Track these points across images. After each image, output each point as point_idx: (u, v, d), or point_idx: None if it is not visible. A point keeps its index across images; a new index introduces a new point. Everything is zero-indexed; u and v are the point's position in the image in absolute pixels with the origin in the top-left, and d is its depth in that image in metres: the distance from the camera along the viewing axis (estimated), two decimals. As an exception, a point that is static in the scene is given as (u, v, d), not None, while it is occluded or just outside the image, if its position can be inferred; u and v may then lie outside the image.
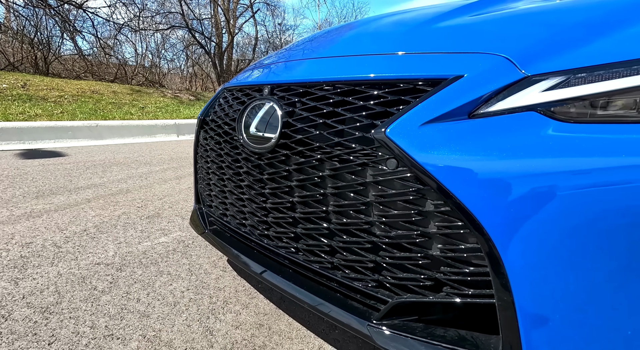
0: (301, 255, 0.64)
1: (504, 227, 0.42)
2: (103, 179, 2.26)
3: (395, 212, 0.49)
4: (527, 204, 0.41)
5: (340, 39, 0.73)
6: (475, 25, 0.58)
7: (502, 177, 0.42)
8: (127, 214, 1.57)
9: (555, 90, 0.44)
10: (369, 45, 0.64)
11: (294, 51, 0.80)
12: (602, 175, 0.39)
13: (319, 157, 0.56)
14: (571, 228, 0.40)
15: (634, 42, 0.44)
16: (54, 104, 4.77)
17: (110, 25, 8.79)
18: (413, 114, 0.47)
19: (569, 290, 0.41)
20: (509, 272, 0.42)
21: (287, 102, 0.62)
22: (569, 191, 0.40)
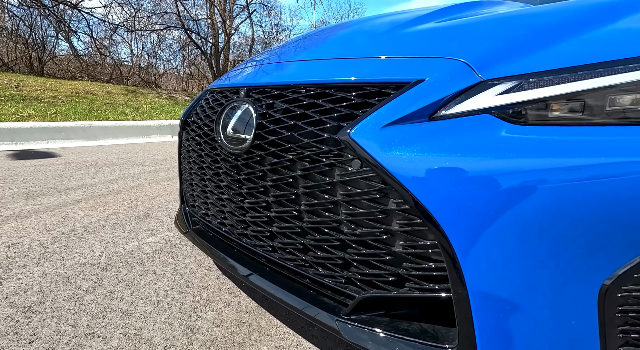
0: (277, 254, 0.66)
1: (459, 224, 0.44)
2: (94, 180, 2.26)
3: (361, 211, 0.51)
4: (479, 202, 0.43)
5: (314, 43, 0.75)
6: (440, 31, 0.60)
7: (457, 176, 0.44)
8: (116, 215, 1.58)
9: (509, 94, 0.46)
10: (339, 49, 0.66)
11: (272, 54, 0.82)
12: (550, 175, 0.41)
13: (291, 158, 0.58)
14: (521, 225, 0.42)
15: (579, 50, 0.47)
16: (48, 105, 4.75)
17: (106, 26, 8.76)
18: (375, 117, 0.49)
19: (516, 284, 0.43)
20: (464, 267, 0.44)
21: (261, 104, 0.63)
22: (518, 190, 0.42)
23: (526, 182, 0.42)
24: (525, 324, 0.43)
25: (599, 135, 0.41)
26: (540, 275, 0.42)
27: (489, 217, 0.43)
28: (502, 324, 0.43)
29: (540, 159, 0.42)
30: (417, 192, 0.45)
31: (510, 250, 0.43)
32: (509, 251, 0.43)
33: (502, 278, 0.43)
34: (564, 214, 0.41)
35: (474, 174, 0.43)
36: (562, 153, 0.41)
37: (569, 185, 0.40)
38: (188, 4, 9.31)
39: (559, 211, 0.41)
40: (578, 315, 0.42)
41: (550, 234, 0.41)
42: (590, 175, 0.40)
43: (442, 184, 0.45)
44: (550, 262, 0.42)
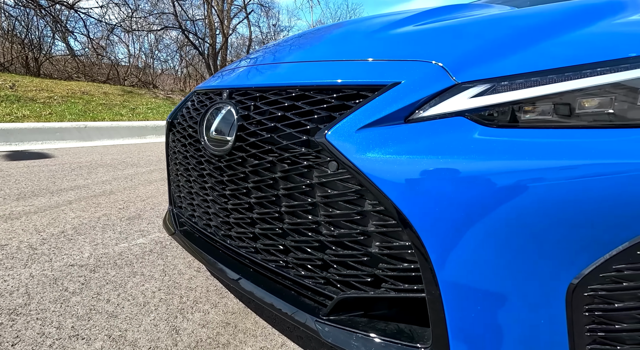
0: (259, 255, 0.66)
1: (431, 225, 0.44)
2: (87, 181, 2.25)
3: (338, 212, 0.52)
4: (451, 204, 0.43)
5: (296, 46, 0.75)
6: (419, 34, 0.61)
7: (429, 178, 0.45)
8: (108, 216, 1.57)
9: (482, 96, 0.47)
10: (320, 52, 0.67)
11: (256, 57, 0.83)
12: (520, 177, 0.42)
13: (271, 160, 0.58)
14: (492, 226, 0.43)
15: (550, 53, 0.47)
16: (43, 105, 4.73)
17: (103, 26, 8.73)
18: (352, 119, 0.50)
19: (488, 285, 0.43)
20: (436, 268, 0.45)
21: (243, 106, 0.64)
22: (489, 192, 0.42)
23: (496, 184, 0.42)
24: (497, 324, 0.43)
25: (569, 138, 0.42)
26: (510, 276, 0.43)
27: (461, 218, 0.43)
28: (474, 324, 0.44)
29: (510, 161, 0.42)
30: (391, 194, 0.46)
31: (482, 251, 0.43)
32: (480, 252, 0.43)
33: (474, 279, 0.44)
34: (534, 215, 0.41)
35: (446, 176, 0.44)
36: (533, 155, 0.42)
37: (539, 187, 0.41)
38: (185, 5, 9.31)
39: (529, 212, 0.41)
40: (547, 315, 0.42)
41: (520, 235, 0.42)
42: (559, 177, 0.40)
43: (415, 186, 0.45)
44: (520, 263, 0.42)
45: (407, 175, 0.45)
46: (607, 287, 0.41)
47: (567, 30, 0.53)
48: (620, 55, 0.43)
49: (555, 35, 0.51)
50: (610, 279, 0.41)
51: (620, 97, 0.42)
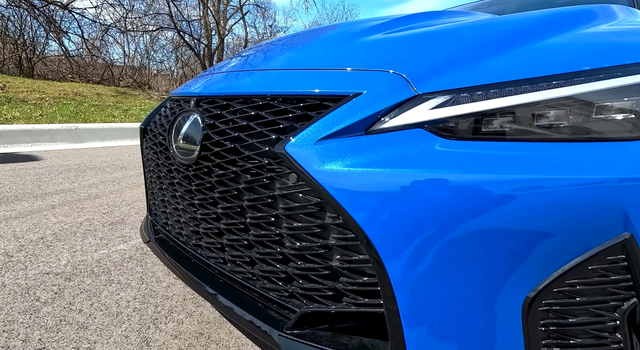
0: (227, 266, 0.65)
1: (389, 239, 0.44)
2: (74, 184, 2.22)
3: (299, 225, 0.51)
4: (408, 218, 0.43)
5: (267, 53, 0.74)
6: (386, 43, 0.60)
7: (387, 191, 0.44)
8: (90, 221, 1.55)
9: (441, 108, 0.46)
10: (288, 60, 0.66)
11: (229, 63, 0.82)
12: (477, 190, 0.41)
13: (235, 170, 0.57)
14: (449, 240, 0.42)
15: (511, 65, 0.47)
16: (34, 107, 4.67)
17: (97, 26, 8.67)
18: (312, 130, 0.49)
19: (445, 299, 0.43)
20: (393, 283, 0.44)
21: (209, 114, 0.63)
22: (445, 206, 0.42)
23: (454, 197, 0.41)
24: (454, 339, 0.43)
25: (525, 151, 0.42)
26: (467, 291, 0.42)
27: (418, 232, 0.43)
28: (432, 339, 0.43)
29: (467, 174, 0.42)
30: (349, 207, 0.45)
31: (439, 266, 0.42)
32: (437, 266, 0.42)
33: (431, 293, 0.43)
34: (491, 229, 0.41)
35: (404, 189, 0.43)
36: (489, 168, 0.41)
37: (494, 200, 0.40)
38: (181, 5, 9.27)
39: (485, 226, 0.41)
40: (504, 330, 0.42)
41: (477, 250, 0.41)
42: (514, 190, 0.40)
43: (373, 200, 0.44)
44: (477, 278, 0.42)
45: (365, 188, 0.44)
46: (561, 302, 0.40)
47: (531, 40, 0.52)
48: (575, 68, 0.42)
49: (519, 46, 0.51)
50: (564, 294, 0.40)
51: (574, 111, 0.41)
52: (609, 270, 0.39)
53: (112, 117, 4.91)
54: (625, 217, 0.37)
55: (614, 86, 0.40)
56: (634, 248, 0.37)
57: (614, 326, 0.39)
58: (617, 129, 0.40)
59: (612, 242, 0.37)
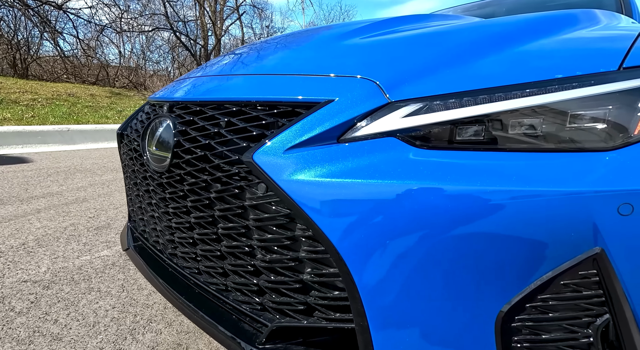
0: (202, 277, 0.63)
1: (358, 253, 0.42)
2: (62, 187, 2.19)
3: (269, 236, 0.49)
4: (378, 230, 0.41)
5: (244, 58, 0.73)
6: (362, 48, 0.59)
7: (358, 203, 0.42)
8: (75, 226, 1.52)
9: (414, 116, 0.45)
10: (264, 65, 0.64)
11: (206, 67, 0.80)
12: (449, 201, 0.40)
13: (205, 179, 0.55)
14: (419, 254, 0.40)
15: (486, 72, 0.45)
16: (26, 108, 4.62)
17: (92, 27, 8.60)
18: (282, 138, 0.47)
19: (417, 315, 0.41)
20: (364, 298, 0.42)
21: (181, 121, 0.61)
22: (416, 218, 0.40)
23: (425, 209, 0.40)
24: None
25: (496, 161, 0.40)
26: (439, 307, 0.41)
27: (389, 246, 0.41)
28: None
29: (438, 184, 0.40)
30: (318, 219, 0.43)
31: (411, 280, 0.41)
32: (409, 281, 0.41)
33: (402, 308, 0.41)
34: (462, 242, 0.39)
35: (374, 200, 0.42)
36: (460, 179, 0.40)
37: (465, 212, 0.39)
38: (177, 6, 9.23)
39: (458, 240, 0.39)
40: (477, 347, 0.40)
41: (450, 264, 0.40)
42: (484, 202, 0.38)
43: (342, 211, 0.43)
44: (449, 294, 0.40)
45: (335, 199, 0.43)
46: (535, 317, 0.39)
47: (507, 46, 0.51)
48: (549, 75, 0.41)
49: (495, 52, 0.50)
50: (537, 310, 0.39)
51: (547, 120, 0.40)
52: (581, 286, 0.37)
53: (105, 118, 4.86)
54: (595, 231, 0.35)
55: (587, 95, 0.39)
56: (605, 263, 0.36)
57: (587, 343, 0.38)
58: (590, 139, 0.39)
59: (583, 257, 0.36)
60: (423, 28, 0.66)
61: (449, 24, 0.66)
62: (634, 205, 0.34)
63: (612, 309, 0.37)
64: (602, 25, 0.68)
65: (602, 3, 1.34)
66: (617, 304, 0.36)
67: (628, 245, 0.35)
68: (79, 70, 8.44)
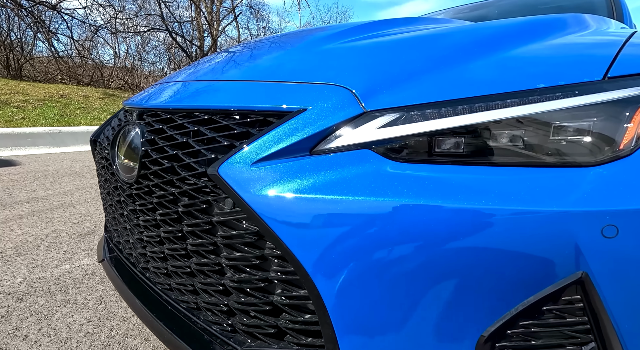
0: (173, 294, 0.60)
1: (329, 274, 0.39)
2: (48, 192, 2.14)
3: (238, 255, 0.46)
4: (351, 251, 0.38)
5: (217, 62, 0.70)
6: (340, 54, 0.56)
7: (327, 221, 0.39)
8: (58, 232, 1.48)
9: (390, 127, 0.42)
10: (236, 70, 0.61)
11: (180, 73, 0.77)
12: (426, 219, 0.37)
13: (173, 191, 0.52)
14: (396, 275, 0.37)
15: (466, 80, 0.43)
16: (16, 109, 4.54)
17: (87, 27, 8.52)
18: (250, 149, 0.44)
19: (394, 341, 0.38)
20: (335, 323, 0.39)
21: (150, 129, 0.58)
22: (392, 237, 0.37)
23: (401, 228, 0.37)
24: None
25: (477, 175, 0.38)
26: (417, 333, 0.38)
27: (363, 267, 0.38)
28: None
29: (414, 200, 0.37)
30: (287, 238, 0.40)
31: (386, 306, 0.38)
32: (386, 306, 0.38)
33: (376, 335, 0.39)
34: (439, 262, 0.37)
35: (346, 218, 0.39)
36: (437, 195, 0.37)
37: (443, 232, 0.36)
38: (173, 7, 9.18)
39: (434, 260, 0.37)
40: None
41: (426, 287, 0.37)
42: (464, 221, 0.36)
43: (312, 230, 0.40)
44: (426, 319, 0.37)
45: (305, 217, 0.40)
46: (516, 345, 0.36)
47: (491, 52, 0.48)
48: (531, 85, 0.39)
49: (478, 58, 0.47)
50: (518, 337, 0.36)
51: (528, 133, 0.38)
52: (564, 312, 0.35)
53: (98, 120, 4.79)
54: (579, 254, 0.33)
55: (569, 106, 0.37)
56: (589, 288, 0.33)
57: (572, 373, 0.36)
58: (573, 154, 0.36)
59: (566, 282, 0.34)
60: (406, 32, 0.63)
61: (433, 29, 0.64)
62: (618, 227, 0.32)
63: (598, 337, 0.34)
64: (591, 30, 0.66)
65: (593, 7, 1.33)
66: (603, 332, 0.34)
67: (613, 269, 0.32)
68: (74, 71, 8.35)
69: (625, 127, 0.36)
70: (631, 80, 0.37)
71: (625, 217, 0.31)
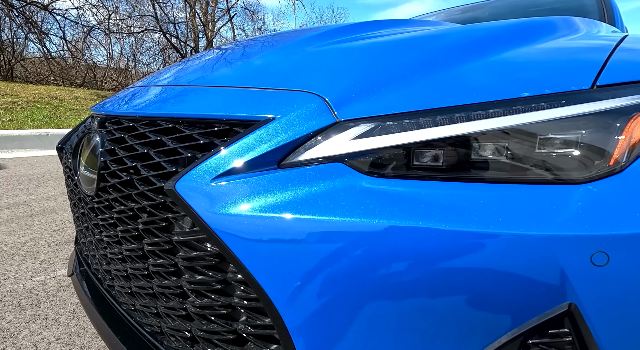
0: (137, 315, 0.55)
1: (296, 304, 0.35)
2: (30, 197, 2.07)
3: (199, 278, 0.42)
4: (324, 278, 0.34)
5: (190, 66, 0.65)
6: (314, 58, 0.53)
7: (295, 244, 0.35)
8: (36, 240, 1.42)
9: (364, 138, 0.38)
10: (205, 75, 0.57)
11: (152, 76, 0.73)
12: (400, 242, 0.33)
13: (133, 207, 0.48)
14: (370, 309, 0.34)
15: (445, 88, 0.40)
16: (4, 111, 4.44)
17: (80, 28, 8.41)
18: (212, 163, 0.40)
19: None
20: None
21: (111, 138, 0.53)
22: (367, 265, 0.34)
23: (378, 253, 0.34)
24: None
25: (455, 191, 0.34)
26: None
27: (333, 296, 0.34)
28: None
29: (387, 220, 0.34)
30: (249, 262, 0.36)
31: (361, 339, 0.34)
32: (358, 339, 0.34)
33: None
34: (416, 291, 0.33)
35: (315, 240, 0.35)
36: (416, 214, 0.33)
37: (420, 256, 0.33)
38: (167, 7, 9.10)
39: (412, 289, 0.33)
40: None
41: (400, 319, 0.33)
42: (442, 245, 0.32)
43: (279, 252, 0.36)
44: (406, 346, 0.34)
45: (270, 238, 0.36)
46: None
47: (475, 57, 0.45)
48: (515, 93, 0.36)
49: (461, 64, 0.44)
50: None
51: (511, 146, 0.34)
52: (551, 346, 0.31)
53: (89, 122, 4.70)
54: (566, 283, 0.29)
55: (555, 117, 0.33)
56: (578, 320, 0.30)
57: (561, 412, 0.32)
58: (559, 170, 0.33)
59: (552, 313, 0.30)
60: (390, 35, 0.60)
61: (416, 32, 0.60)
62: (609, 255, 0.28)
63: (589, 374, 0.31)
64: (580, 34, 0.63)
65: (585, 10, 1.31)
66: (594, 369, 0.31)
67: (605, 301, 0.29)
68: (66, 72, 8.23)
69: (617, 140, 0.33)
70: (622, 89, 0.34)
71: (616, 243, 0.28)
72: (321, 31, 0.63)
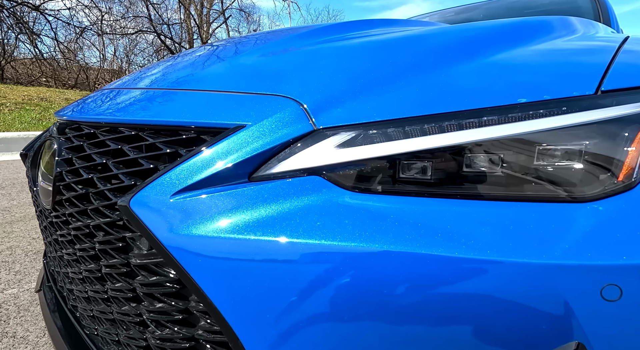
0: (99, 341, 0.50)
1: (265, 340, 0.31)
2: (12, 202, 1.99)
3: (158, 307, 0.37)
4: (300, 313, 0.30)
5: (165, 67, 0.60)
6: (294, 59, 0.48)
7: (263, 270, 0.31)
8: (13, 249, 1.35)
9: (345, 148, 0.34)
10: (176, 77, 0.52)
11: (123, 79, 0.68)
12: (382, 264, 0.29)
13: (88, 224, 0.43)
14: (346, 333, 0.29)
15: (434, 92, 0.36)
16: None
17: (72, 29, 8.29)
18: (172, 176, 0.36)
19: None
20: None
21: (69, 146, 0.48)
22: (346, 294, 0.29)
23: (354, 280, 0.29)
24: None
25: (443, 209, 0.30)
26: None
27: (309, 331, 0.30)
28: None
29: (372, 243, 0.30)
30: (212, 291, 0.32)
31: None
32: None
33: None
34: (403, 324, 0.29)
35: (286, 266, 0.31)
36: (401, 236, 0.29)
37: (404, 287, 0.29)
38: (161, 9, 9.02)
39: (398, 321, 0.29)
40: None
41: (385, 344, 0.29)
42: (430, 273, 0.28)
43: (244, 280, 0.31)
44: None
45: (235, 263, 0.32)
46: None
47: (468, 59, 0.41)
48: (510, 100, 0.32)
49: (452, 66, 0.40)
50: None
51: (507, 159, 0.30)
52: (556, 391, 0.27)
53: (79, 124, 4.61)
54: (572, 320, 0.25)
55: (556, 126, 0.30)
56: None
57: None
58: (561, 185, 0.29)
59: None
60: (375, 35, 0.56)
61: (405, 32, 0.57)
62: (622, 288, 0.24)
63: None
64: (578, 35, 0.60)
65: (580, 10, 1.29)
66: None
67: (617, 343, 0.25)
68: (58, 73, 8.10)
69: (626, 152, 0.29)
70: (629, 95, 0.31)
71: (630, 275, 0.24)
72: (305, 31, 0.59)
